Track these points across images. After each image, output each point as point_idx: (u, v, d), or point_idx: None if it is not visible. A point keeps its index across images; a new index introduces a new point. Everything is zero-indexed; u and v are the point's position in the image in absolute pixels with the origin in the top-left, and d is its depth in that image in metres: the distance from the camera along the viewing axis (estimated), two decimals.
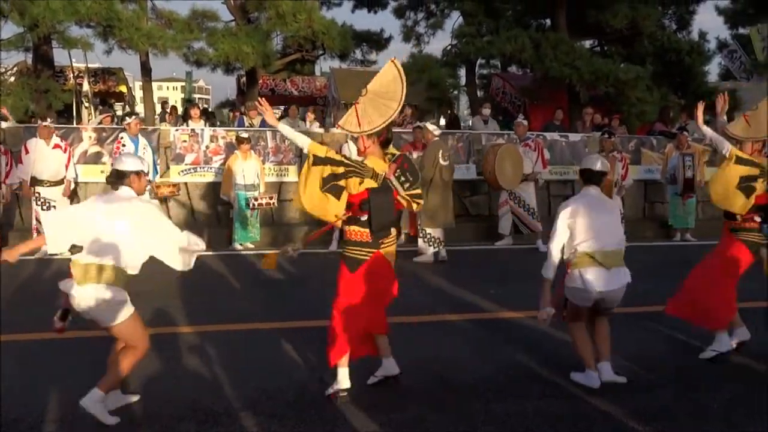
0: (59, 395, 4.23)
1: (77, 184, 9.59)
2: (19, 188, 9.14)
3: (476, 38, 14.41)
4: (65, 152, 9.17)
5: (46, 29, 11.14)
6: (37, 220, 8.87)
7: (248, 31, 12.80)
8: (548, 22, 16.33)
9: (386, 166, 4.32)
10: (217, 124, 13.38)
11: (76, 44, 12.16)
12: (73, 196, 9.31)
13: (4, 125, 10.40)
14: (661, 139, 12.85)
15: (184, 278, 7.72)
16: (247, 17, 13.73)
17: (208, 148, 10.94)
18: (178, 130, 11.30)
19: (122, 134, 9.57)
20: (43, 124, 9.06)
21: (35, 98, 12.39)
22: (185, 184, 10.88)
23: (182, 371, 4.79)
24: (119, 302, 3.83)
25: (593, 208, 4.48)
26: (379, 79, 4.40)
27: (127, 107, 19.81)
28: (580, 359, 4.53)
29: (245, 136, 10.15)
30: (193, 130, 11.16)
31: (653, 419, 4.00)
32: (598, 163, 4.61)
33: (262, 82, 17.26)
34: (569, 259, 4.47)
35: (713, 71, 44.15)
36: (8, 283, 6.85)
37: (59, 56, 14.37)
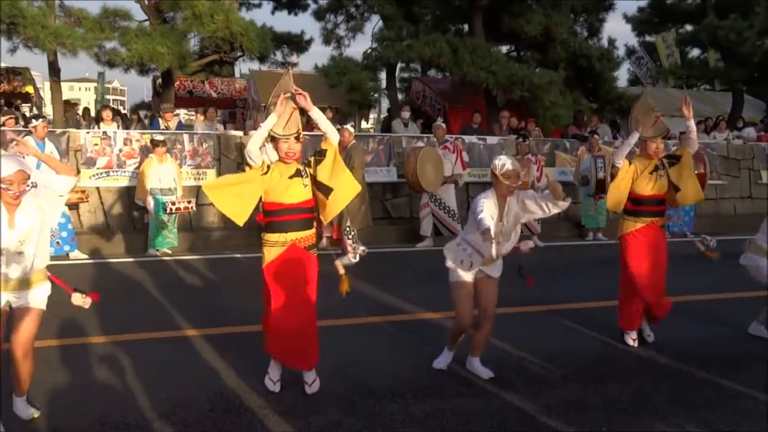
0: None
1: None
2: None
3: (396, 42, 14.52)
4: None
5: None
6: None
7: (163, 31, 12.45)
8: (466, 27, 16.63)
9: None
10: (131, 126, 12.93)
11: None
12: None
13: None
14: (574, 141, 13.29)
15: (97, 286, 7.49)
16: (162, 17, 13.35)
17: (121, 151, 10.58)
18: (89, 132, 10.88)
19: (27, 137, 9.13)
20: None
21: None
22: (97, 188, 10.50)
23: (91, 383, 4.60)
24: None
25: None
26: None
27: (34, 109, 18.91)
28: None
29: (161, 138, 9.87)
30: (105, 132, 10.77)
31: (564, 413, 4.12)
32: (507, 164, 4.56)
33: (179, 83, 16.85)
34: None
35: (622, 77, 46.05)
36: None
37: None
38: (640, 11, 23.12)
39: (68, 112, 14.51)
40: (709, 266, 5.90)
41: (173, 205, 9.35)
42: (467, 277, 4.67)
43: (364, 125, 21.35)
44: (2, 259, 3.65)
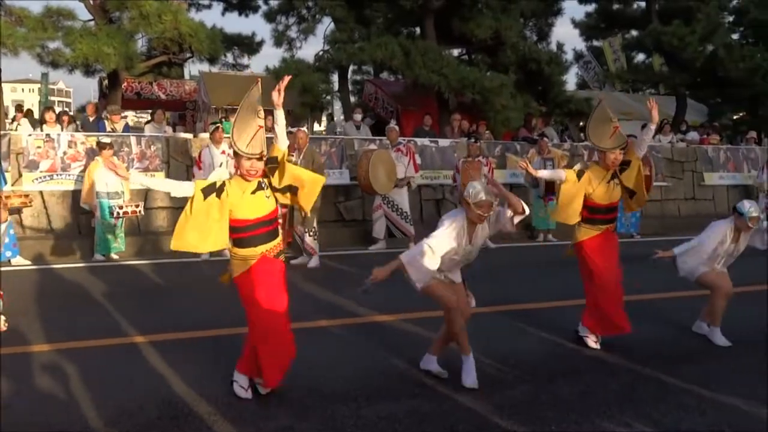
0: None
1: None
2: None
3: (348, 44, 14.49)
4: None
5: None
6: None
7: (109, 31, 12.17)
8: (418, 30, 16.71)
9: None
10: (79, 128, 12.58)
11: None
12: None
13: None
14: (524, 144, 13.49)
15: (41, 292, 7.28)
16: (107, 17, 13.05)
17: (65, 154, 10.30)
18: (31, 135, 10.56)
19: None
20: None
21: None
22: (41, 192, 10.19)
23: (34, 392, 4.45)
24: None
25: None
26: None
27: None
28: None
29: (107, 141, 9.65)
30: (48, 135, 10.46)
31: (515, 413, 4.16)
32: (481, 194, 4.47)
33: (126, 85, 16.48)
34: None
35: (571, 80, 46.98)
36: None
37: None
38: (587, 16, 23.61)
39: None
40: (653, 266, 6.03)
41: (120, 209, 9.15)
42: (431, 280, 4.68)
43: (316, 128, 21.24)
44: None
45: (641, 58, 25.74)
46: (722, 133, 18.59)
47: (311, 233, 9.14)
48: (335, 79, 16.40)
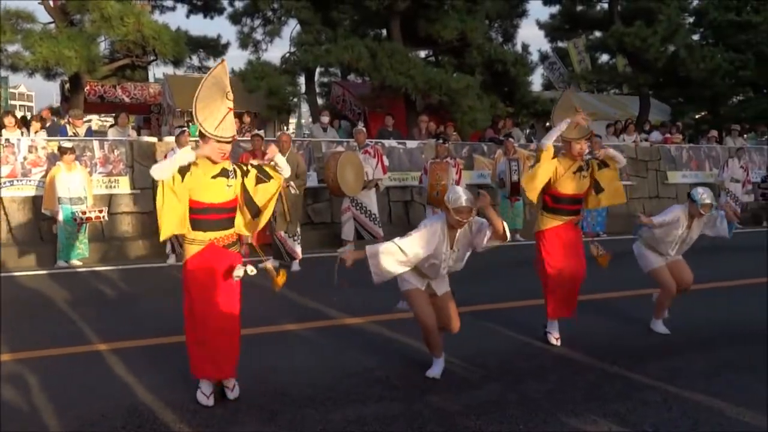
0: None
1: None
2: None
3: (314, 46, 14.43)
4: None
5: None
6: None
7: (70, 34, 11.95)
8: (384, 32, 16.72)
9: None
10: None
11: None
12: None
13: None
14: (491, 145, 13.58)
15: (2, 301, 7.10)
16: (68, 19, 12.81)
17: (26, 159, 10.08)
18: None
19: None
20: None
21: None
22: (0, 198, 9.96)
23: None
24: None
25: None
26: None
27: None
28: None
29: (68, 145, 9.47)
30: (7, 139, 10.22)
31: (483, 413, 4.17)
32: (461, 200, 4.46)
33: (89, 88, 16.21)
34: None
35: (536, 81, 47.55)
36: None
37: None
38: (551, 18, 23.84)
39: None
40: (617, 264, 6.11)
41: (83, 214, 8.98)
42: (417, 283, 4.67)
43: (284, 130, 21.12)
44: None
45: (605, 58, 26.11)
46: (684, 132, 18.93)
47: (295, 237, 9.08)
48: (302, 81, 16.36)
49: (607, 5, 20.93)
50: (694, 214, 5.76)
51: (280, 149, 9.06)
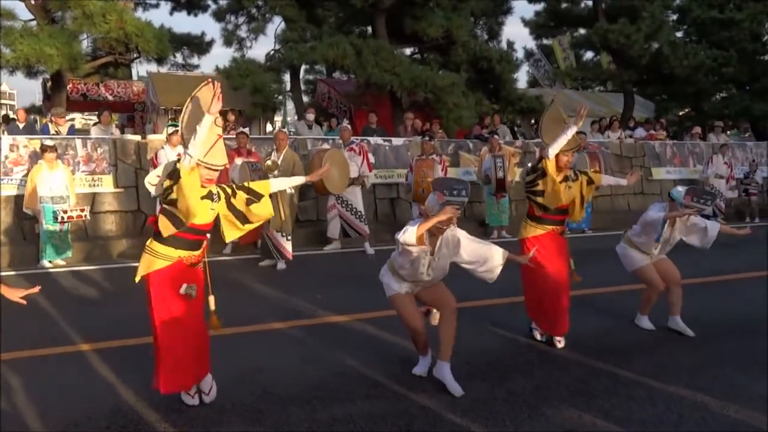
0: None
1: None
2: None
3: (299, 44, 14.38)
4: None
5: None
6: None
7: (51, 31, 11.81)
8: (369, 29, 16.69)
9: None
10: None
11: None
12: None
13: None
14: (477, 142, 13.59)
15: None
16: (49, 16, 12.68)
17: (7, 158, 9.96)
18: None
19: None
20: None
21: None
22: None
23: None
24: None
25: None
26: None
27: None
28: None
29: (50, 144, 9.37)
30: None
31: (470, 409, 4.17)
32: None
33: (72, 86, 16.03)
34: None
35: (522, 78, 47.67)
36: None
37: None
38: (536, 15, 23.93)
39: None
40: (602, 260, 6.14)
41: (65, 213, 8.89)
42: (401, 289, 4.61)
43: (269, 128, 21.06)
44: None
45: (590, 56, 26.25)
46: (668, 128, 19.05)
47: (288, 237, 9.03)
48: (287, 78, 16.27)
49: (591, 3, 21.03)
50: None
51: (277, 147, 9.15)
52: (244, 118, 14.30)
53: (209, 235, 4.31)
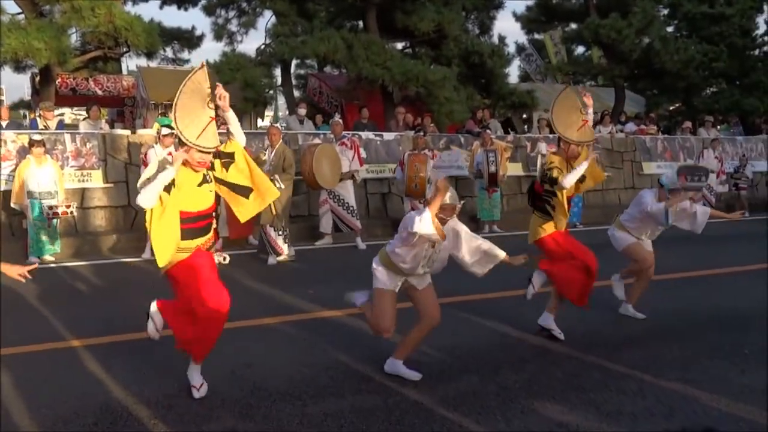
0: None
1: None
2: None
3: (290, 38, 14.34)
4: None
5: None
6: None
7: (39, 25, 11.69)
8: (360, 24, 16.64)
9: None
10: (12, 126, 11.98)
11: None
12: None
13: None
14: (468, 136, 13.58)
15: None
16: (38, 10, 12.55)
17: None
18: None
19: None
20: None
21: None
22: None
23: None
24: None
25: None
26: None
27: None
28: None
29: (38, 138, 9.28)
30: None
31: (461, 404, 4.16)
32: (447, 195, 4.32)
33: (61, 81, 15.90)
34: None
35: (513, 73, 47.69)
36: None
37: None
38: (528, 10, 23.93)
39: None
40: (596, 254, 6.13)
41: (51, 209, 8.82)
42: (390, 285, 4.53)
43: (261, 123, 20.99)
44: None
45: (581, 50, 26.25)
46: (659, 123, 19.11)
47: (281, 232, 8.99)
48: (278, 73, 16.23)
49: None
50: (662, 199, 5.83)
51: (270, 142, 9.13)
52: (234, 112, 14.21)
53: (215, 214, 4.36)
